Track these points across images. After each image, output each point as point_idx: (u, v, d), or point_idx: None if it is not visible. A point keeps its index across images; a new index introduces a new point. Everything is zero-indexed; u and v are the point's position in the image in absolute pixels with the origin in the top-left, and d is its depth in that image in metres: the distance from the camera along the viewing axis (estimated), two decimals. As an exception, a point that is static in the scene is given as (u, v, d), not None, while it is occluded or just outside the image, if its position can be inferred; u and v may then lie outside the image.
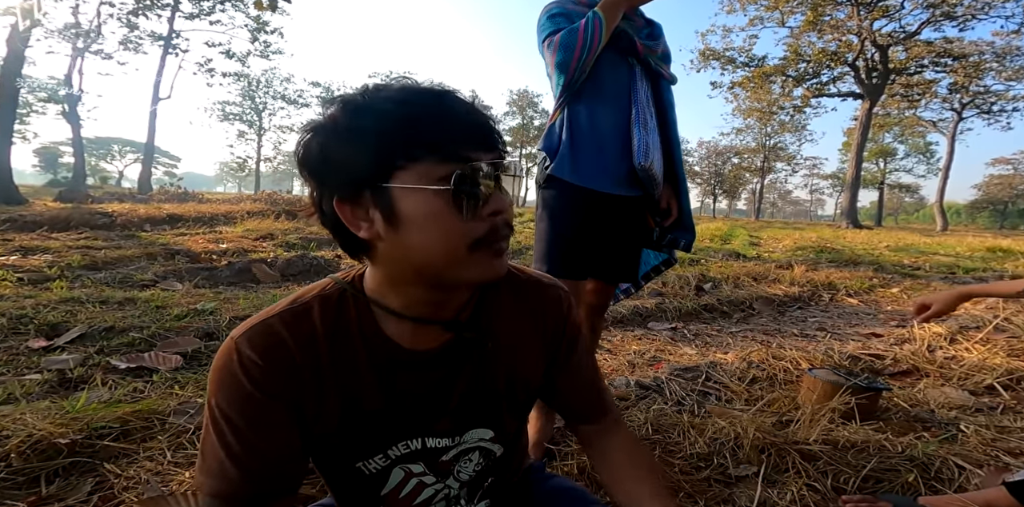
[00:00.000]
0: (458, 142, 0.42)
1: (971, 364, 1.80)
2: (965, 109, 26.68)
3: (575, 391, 0.62)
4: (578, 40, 1.04)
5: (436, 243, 0.43)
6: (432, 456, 0.54)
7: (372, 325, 0.50)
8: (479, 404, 0.54)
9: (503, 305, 0.56)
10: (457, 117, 0.42)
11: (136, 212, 6.21)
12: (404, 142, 0.41)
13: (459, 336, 0.52)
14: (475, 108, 0.44)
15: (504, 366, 0.55)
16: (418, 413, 0.52)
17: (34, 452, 0.96)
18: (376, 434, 0.51)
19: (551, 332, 0.59)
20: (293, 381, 0.47)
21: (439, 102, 0.42)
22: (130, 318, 2.01)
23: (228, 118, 34.17)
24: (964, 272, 5.06)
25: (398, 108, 0.41)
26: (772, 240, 8.68)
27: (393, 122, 0.41)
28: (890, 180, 41.17)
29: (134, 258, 3.64)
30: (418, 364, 0.51)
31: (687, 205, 1.22)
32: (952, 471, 1.04)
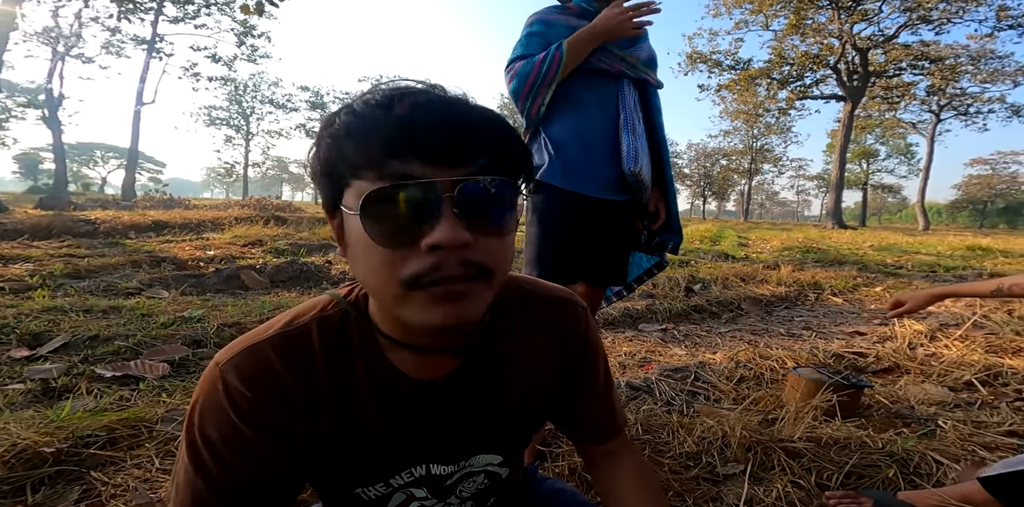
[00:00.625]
0: (395, 156, 0.34)
1: (950, 361, 1.85)
2: (943, 111, 27.47)
3: (589, 412, 0.57)
4: (532, 72, 1.07)
5: (367, 276, 0.38)
6: (436, 482, 0.51)
7: (376, 352, 0.45)
8: (487, 431, 0.51)
9: (516, 325, 0.50)
10: (405, 124, 0.34)
11: (120, 219, 6.10)
12: (348, 157, 0.35)
13: (469, 363, 0.47)
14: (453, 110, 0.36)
15: (518, 389, 0.51)
16: (422, 442, 0.48)
17: (19, 461, 0.95)
18: (377, 463, 0.48)
19: (567, 349, 0.54)
20: (283, 411, 0.43)
21: (390, 105, 0.35)
22: (115, 326, 1.98)
23: (215, 123, 33.90)
24: (945, 270, 5.19)
25: (349, 116, 0.36)
26: (760, 241, 8.82)
27: (345, 132, 0.36)
28: (873, 181, 42.10)
29: (119, 266, 3.58)
30: (424, 394, 0.47)
31: (675, 208, 1.24)
32: (930, 466, 1.07)
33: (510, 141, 0.39)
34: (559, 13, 1.16)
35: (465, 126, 0.36)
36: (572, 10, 1.16)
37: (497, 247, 0.38)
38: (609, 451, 0.59)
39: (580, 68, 1.09)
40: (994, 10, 18.80)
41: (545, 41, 1.11)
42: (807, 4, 19.71)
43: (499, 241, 0.38)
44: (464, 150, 0.36)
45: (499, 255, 0.38)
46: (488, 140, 0.37)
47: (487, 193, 0.36)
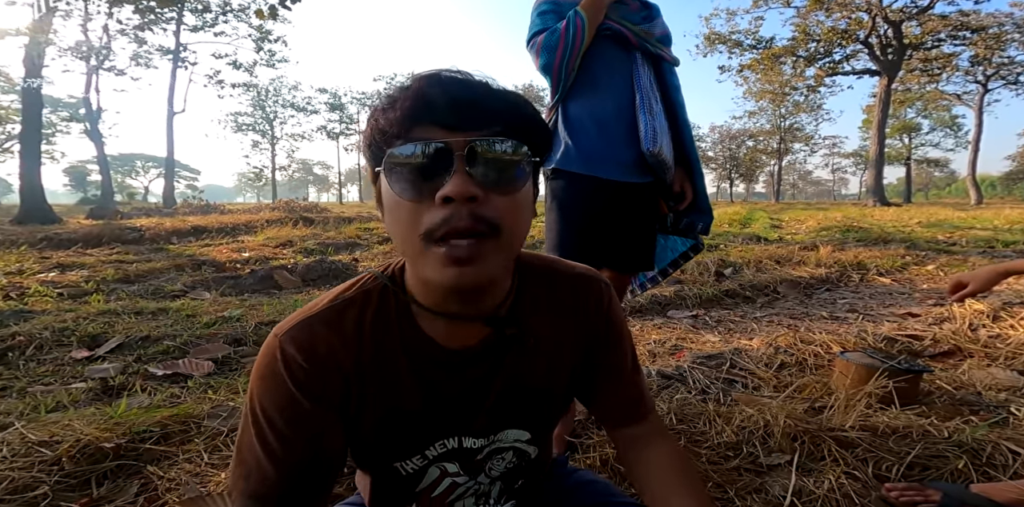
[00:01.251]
0: (415, 123, 0.39)
1: (1018, 342, 1.71)
2: (990, 81, 25.63)
3: (615, 391, 0.58)
4: (559, 42, 1.03)
5: (396, 233, 0.42)
6: (467, 455, 0.53)
7: (410, 323, 0.48)
8: (516, 403, 0.52)
9: (541, 300, 0.53)
10: (422, 96, 0.39)
11: (163, 226, 6.43)
12: (381, 128, 0.41)
13: (498, 333, 0.50)
14: (467, 86, 0.41)
15: (543, 363, 0.53)
16: (455, 412, 0.51)
17: (83, 456, 1.01)
18: (414, 434, 0.50)
19: (591, 327, 0.55)
20: (336, 382, 0.46)
21: (418, 84, 0.40)
22: (163, 327, 2.09)
23: (241, 129, 35.13)
24: (1004, 246, 4.82)
25: (383, 98, 0.42)
26: (794, 222, 8.43)
27: (380, 110, 0.41)
28: (917, 155, 39.53)
29: (164, 270, 3.78)
30: (455, 363, 0.49)
31: (702, 187, 1.19)
32: (1005, 456, 0.98)
33: (523, 113, 0.42)
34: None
35: (479, 98, 0.40)
36: None
37: (506, 204, 0.40)
38: (640, 436, 0.58)
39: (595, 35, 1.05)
40: None
41: (559, 17, 1.07)
42: None
43: (508, 198, 0.41)
44: (477, 117, 0.40)
45: (508, 212, 0.40)
46: (500, 109, 0.41)
47: (496, 152, 0.39)
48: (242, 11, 20.49)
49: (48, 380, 1.57)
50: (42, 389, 1.48)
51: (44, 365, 1.70)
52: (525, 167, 0.42)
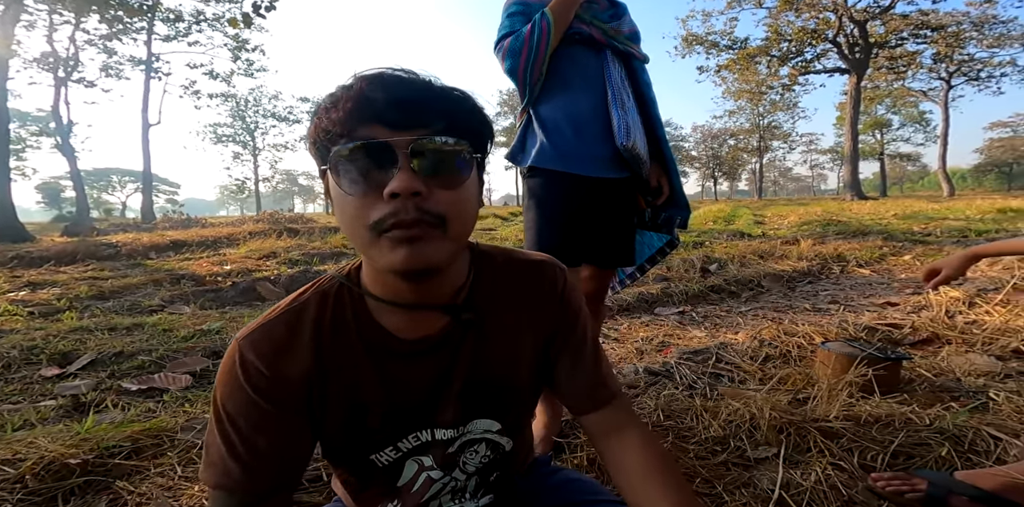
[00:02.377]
0: (359, 122, 0.41)
1: (994, 328, 1.75)
2: (953, 77, 26.60)
3: (577, 374, 0.59)
4: (524, 46, 1.03)
5: (345, 225, 0.43)
6: (440, 448, 0.54)
7: (366, 317, 0.50)
8: (481, 392, 0.54)
9: (499, 288, 0.54)
10: (364, 96, 0.41)
11: (140, 241, 6.27)
12: (324, 128, 0.42)
13: (456, 321, 0.51)
14: (408, 84, 0.42)
15: (504, 350, 0.54)
16: (421, 403, 0.52)
17: (48, 473, 0.98)
18: (383, 427, 0.51)
19: (549, 312, 0.57)
20: (296, 385, 0.47)
21: (354, 84, 0.42)
22: (139, 342, 2.03)
23: (221, 140, 34.29)
24: (977, 235, 4.96)
25: (327, 98, 0.43)
26: (776, 217, 8.59)
27: (323, 110, 0.43)
28: (889, 150, 40.70)
29: (140, 285, 3.68)
30: (415, 353, 0.50)
31: (678, 182, 1.20)
32: (987, 442, 0.99)
33: (465, 109, 0.44)
34: None
35: (420, 96, 0.42)
36: None
37: (449, 197, 0.42)
38: (608, 421, 0.58)
39: (564, 37, 1.05)
40: None
41: (527, 18, 1.07)
42: None
43: (452, 193, 0.43)
44: (419, 116, 0.41)
45: (452, 205, 0.42)
46: (442, 108, 0.42)
47: (438, 150, 0.41)
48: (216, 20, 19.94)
49: (16, 399, 1.53)
50: (9, 408, 1.43)
51: (12, 384, 1.64)
52: (467, 161, 0.44)
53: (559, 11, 1.02)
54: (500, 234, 6.85)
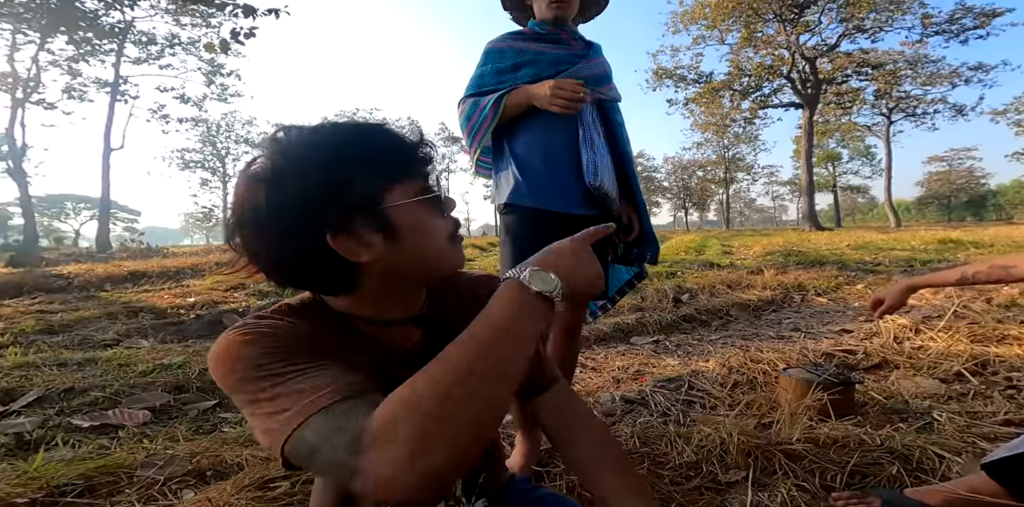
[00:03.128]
0: (417, 162, 0.52)
1: (937, 352, 1.86)
2: (893, 113, 28.92)
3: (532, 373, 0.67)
4: (473, 117, 1.16)
5: (432, 242, 0.52)
6: None
7: (353, 327, 0.54)
8: None
9: (451, 302, 0.63)
10: (406, 142, 0.51)
11: (94, 272, 5.95)
12: (388, 166, 0.49)
13: (428, 332, 0.58)
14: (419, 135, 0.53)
15: None
16: None
17: None
18: None
19: None
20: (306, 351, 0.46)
21: (389, 131, 0.51)
22: (91, 378, 1.92)
23: (189, 166, 33.27)
24: (921, 264, 5.34)
25: (369, 138, 0.49)
26: (743, 247, 8.99)
27: (377, 149, 0.49)
28: (841, 183, 43.33)
29: (94, 319, 3.47)
30: (402, 360, 0.53)
31: (647, 219, 1.26)
32: (933, 460, 1.06)
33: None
34: (512, 39, 1.21)
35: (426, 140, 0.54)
36: (527, 34, 1.22)
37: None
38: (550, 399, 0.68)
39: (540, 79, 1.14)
40: (919, 18, 20.46)
41: (496, 79, 1.18)
42: (755, 18, 21.04)
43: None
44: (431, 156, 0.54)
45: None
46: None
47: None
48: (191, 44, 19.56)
49: (-51, 441, 1.40)
50: (-58, 450, 1.31)
51: (-56, 426, 1.51)
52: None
53: (513, 104, 1.12)
54: (479, 264, 6.87)
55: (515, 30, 1.27)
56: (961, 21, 20.30)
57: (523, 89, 1.11)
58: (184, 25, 18.50)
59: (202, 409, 1.67)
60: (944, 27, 20.68)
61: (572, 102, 1.05)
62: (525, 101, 1.10)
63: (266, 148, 0.47)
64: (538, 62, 1.17)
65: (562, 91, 1.04)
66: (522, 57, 1.17)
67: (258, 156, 0.48)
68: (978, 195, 52.55)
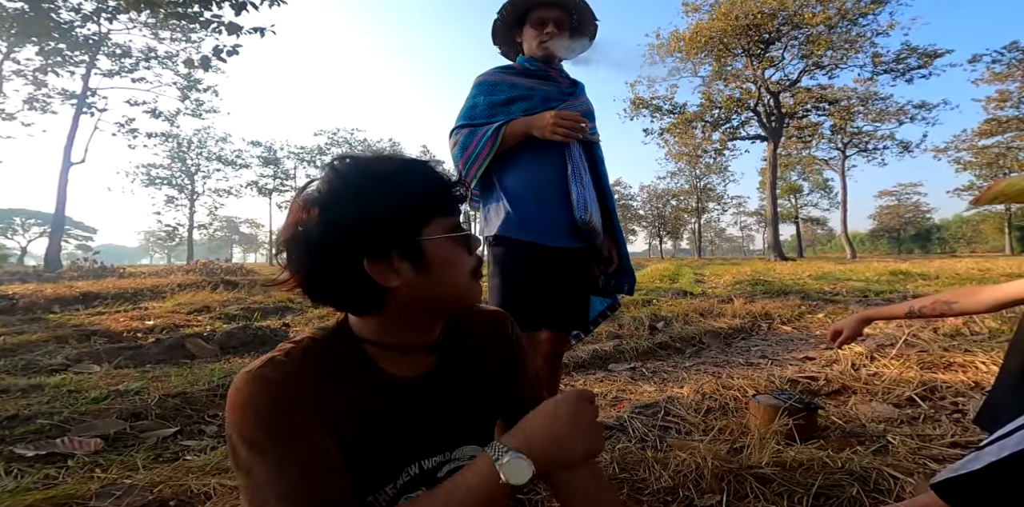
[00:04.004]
0: (453, 200, 0.56)
1: (891, 379, 1.97)
2: (847, 148, 30.73)
3: (526, 398, 0.72)
4: (471, 147, 1.18)
5: (457, 277, 0.55)
6: (428, 477, 0.59)
7: (365, 359, 0.56)
8: (464, 420, 0.62)
9: (466, 333, 0.66)
10: (445, 180, 0.55)
11: (42, 292, 5.59)
12: (430, 202, 0.53)
13: (442, 359, 0.61)
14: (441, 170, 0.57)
15: (480, 382, 0.65)
16: (417, 436, 0.57)
17: None
18: (386, 460, 0.55)
19: (505, 351, 0.70)
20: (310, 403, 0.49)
21: (432, 169, 0.55)
22: (36, 405, 1.79)
23: (155, 182, 31.67)
24: (875, 295, 5.65)
25: (417, 174, 0.54)
26: (714, 276, 9.31)
27: (423, 185, 0.53)
28: (802, 214, 45.58)
29: (40, 342, 3.24)
30: (413, 388, 0.58)
31: (625, 252, 1.32)
32: (888, 482, 1.11)
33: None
34: (504, 73, 1.27)
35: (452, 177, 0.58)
36: (516, 69, 1.28)
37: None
38: None
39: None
40: (870, 56, 22.45)
41: (488, 111, 1.21)
42: (725, 52, 22.57)
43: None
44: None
45: None
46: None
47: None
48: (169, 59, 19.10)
49: None
50: None
51: None
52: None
53: (511, 134, 1.16)
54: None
55: (505, 64, 1.33)
56: (907, 60, 22.39)
57: (521, 120, 1.16)
58: (163, 39, 18.21)
59: (162, 437, 1.58)
60: (891, 66, 22.72)
61: (573, 132, 1.11)
62: (523, 131, 1.15)
63: (324, 173, 0.52)
64: (531, 97, 1.22)
65: (565, 121, 1.10)
66: (515, 91, 1.22)
67: (314, 179, 0.52)
68: (924, 229, 56.42)
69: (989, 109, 28.32)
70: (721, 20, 21.25)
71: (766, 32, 21.38)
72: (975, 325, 2.92)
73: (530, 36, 1.25)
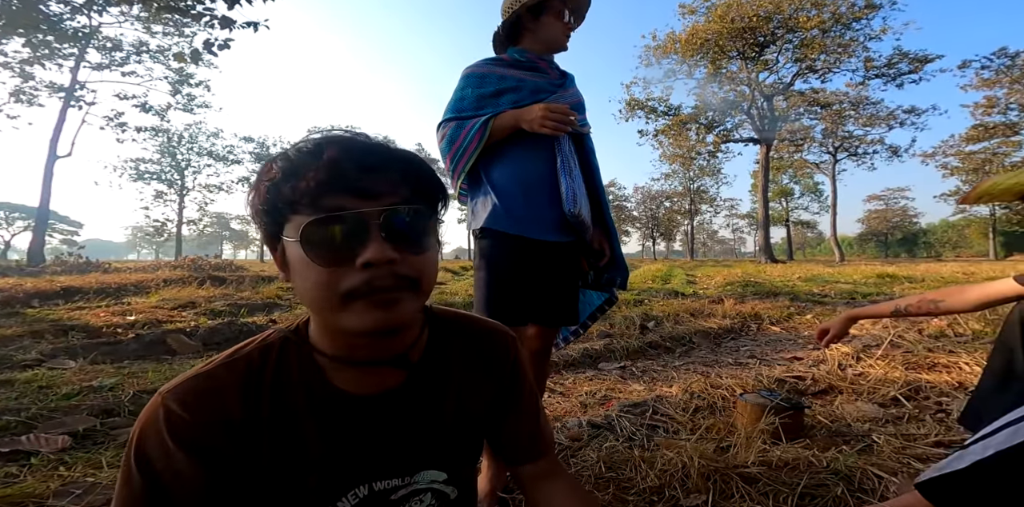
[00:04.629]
0: (327, 192, 0.41)
1: (876, 379, 1.98)
2: (838, 152, 31.06)
3: (520, 430, 0.63)
4: (458, 140, 1.15)
5: (308, 292, 0.43)
6: (380, 499, 0.52)
7: (315, 373, 0.49)
8: (433, 443, 0.54)
9: (454, 348, 0.58)
10: (334, 165, 0.41)
11: (22, 287, 5.45)
12: (286, 195, 0.42)
13: (412, 376, 0.53)
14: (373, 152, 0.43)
15: (457, 404, 0.56)
16: (365, 458, 0.51)
17: None
18: (325, 485, 0.49)
19: (501, 375, 0.61)
20: (224, 435, 0.44)
21: (320, 151, 0.42)
22: (5, 401, 1.73)
23: (143, 177, 31.23)
24: (863, 297, 5.72)
25: (285, 162, 0.43)
26: (706, 278, 9.36)
27: (282, 176, 0.43)
28: (793, 217, 46.11)
29: (15, 337, 3.16)
30: (363, 409, 0.50)
31: (618, 246, 1.29)
32: (872, 481, 1.10)
33: (425, 175, 0.47)
34: (493, 65, 1.23)
35: (385, 165, 0.44)
36: (505, 60, 1.24)
37: (420, 262, 0.45)
38: (541, 472, 0.63)
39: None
40: (862, 61, 22.60)
41: (476, 104, 1.18)
42: (720, 55, 22.67)
43: (422, 257, 0.45)
44: (386, 185, 0.44)
45: (423, 268, 0.45)
46: (405, 176, 0.45)
47: (407, 219, 0.44)
48: (160, 52, 18.82)
49: None
50: None
51: None
52: (432, 226, 0.47)
53: (499, 127, 1.13)
54: (450, 288, 6.77)
55: (493, 56, 1.29)
56: (898, 65, 22.55)
57: (510, 112, 1.13)
58: (155, 33, 17.97)
59: (135, 436, 1.53)
60: (883, 70, 22.85)
61: (562, 125, 1.08)
62: (512, 124, 1.12)
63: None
64: (520, 89, 1.19)
65: (554, 114, 1.07)
66: (503, 84, 1.19)
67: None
68: (911, 233, 57.44)
69: (976, 115, 28.87)
70: (717, 22, 21.35)
71: (761, 35, 21.51)
72: (959, 327, 2.95)
73: (555, 28, 1.21)
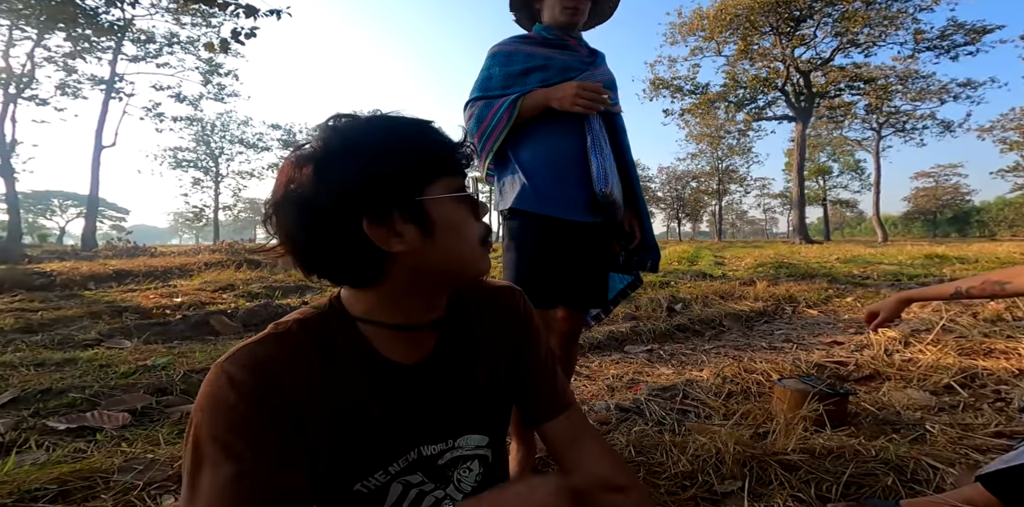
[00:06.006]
0: (457, 162, 0.51)
1: (927, 365, 1.88)
2: (883, 128, 29.23)
3: (539, 384, 0.65)
4: (487, 119, 1.13)
5: (464, 243, 0.51)
6: (428, 463, 0.55)
7: (361, 343, 0.52)
8: (469, 406, 0.58)
9: (472, 311, 0.61)
10: (450, 141, 0.51)
11: (79, 270, 5.83)
12: (433, 161, 0.49)
13: (444, 339, 0.56)
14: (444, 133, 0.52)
15: (485, 364, 0.60)
16: (414, 422, 0.53)
17: None
18: (377, 449, 0.51)
19: (516, 330, 0.64)
20: (288, 397, 0.46)
21: (436, 128, 0.51)
22: (70, 379, 1.86)
23: (181, 165, 32.77)
24: (908, 279, 5.42)
25: (420, 132, 0.49)
26: (735, 259, 9.07)
27: (426, 143, 0.49)
28: (831, 197, 43.89)
29: (76, 318, 3.39)
30: (409, 374, 0.53)
31: (649, 226, 1.25)
32: (927, 472, 1.05)
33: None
34: (520, 42, 1.19)
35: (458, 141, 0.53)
36: (533, 38, 1.20)
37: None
38: (568, 432, 0.63)
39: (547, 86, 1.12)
40: (911, 34, 20.75)
41: (503, 83, 1.15)
42: (752, 31, 21.23)
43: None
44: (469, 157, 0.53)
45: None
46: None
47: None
48: (190, 43, 19.53)
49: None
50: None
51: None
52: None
53: (529, 107, 1.10)
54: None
55: (521, 34, 1.25)
56: (952, 37, 20.57)
57: (539, 91, 1.10)
58: (184, 24, 18.51)
59: (185, 412, 1.63)
60: (935, 43, 20.92)
61: (595, 103, 1.05)
62: (541, 103, 1.09)
63: (319, 132, 0.47)
64: (548, 67, 1.16)
65: (587, 92, 1.04)
66: (531, 62, 1.16)
67: (308, 140, 0.48)
68: (962, 211, 53.66)
69: (1040, 86, 26.10)
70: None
71: (797, 9, 19.91)
72: (1018, 310, 2.74)
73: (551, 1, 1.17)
